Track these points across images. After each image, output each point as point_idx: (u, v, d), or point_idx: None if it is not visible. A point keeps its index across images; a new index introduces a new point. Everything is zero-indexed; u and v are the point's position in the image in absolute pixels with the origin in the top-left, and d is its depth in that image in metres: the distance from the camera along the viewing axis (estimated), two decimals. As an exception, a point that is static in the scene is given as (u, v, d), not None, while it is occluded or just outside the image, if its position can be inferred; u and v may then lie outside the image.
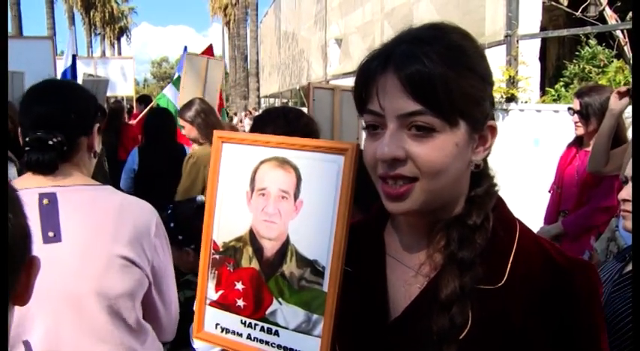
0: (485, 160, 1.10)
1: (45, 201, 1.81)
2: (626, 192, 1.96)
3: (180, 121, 4.46)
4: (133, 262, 1.85)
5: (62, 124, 1.88)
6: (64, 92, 1.97)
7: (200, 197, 3.51)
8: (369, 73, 1.02)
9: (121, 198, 1.96)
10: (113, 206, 1.89)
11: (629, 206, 1.93)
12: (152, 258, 1.94)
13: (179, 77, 7.31)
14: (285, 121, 2.09)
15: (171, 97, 7.12)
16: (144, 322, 1.96)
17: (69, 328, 1.77)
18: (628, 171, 1.98)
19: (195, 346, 2.02)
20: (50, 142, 1.83)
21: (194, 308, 1.97)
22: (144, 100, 10.53)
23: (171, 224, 2.69)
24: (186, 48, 9.02)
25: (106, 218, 1.86)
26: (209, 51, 7.89)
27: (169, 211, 2.85)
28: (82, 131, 1.95)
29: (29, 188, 1.82)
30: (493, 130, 1.07)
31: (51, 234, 1.78)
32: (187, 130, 4.42)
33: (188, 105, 4.52)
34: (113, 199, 1.93)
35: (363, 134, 1.08)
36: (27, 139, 1.84)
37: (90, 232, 1.83)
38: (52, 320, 1.76)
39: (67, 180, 1.88)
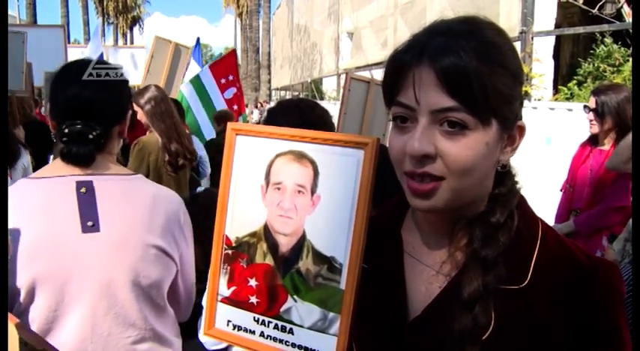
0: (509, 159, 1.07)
1: (82, 189, 1.83)
2: None
3: (135, 106, 4.47)
4: (165, 251, 1.90)
5: (101, 114, 1.88)
6: (101, 79, 1.93)
7: (200, 188, 3.53)
8: (403, 64, 0.98)
9: (153, 188, 2.00)
10: (147, 196, 1.93)
11: None
12: (181, 247, 1.99)
13: (197, 77, 7.32)
14: (297, 112, 2.06)
15: (186, 95, 7.14)
16: (168, 306, 2.02)
17: (103, 315, 1.82)
18: None
19: (202, 339, 2.01)
20: (90, 136, 1.84)
21: (203, 303, 1.97)
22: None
23: None
24: (198, 39, 9.00)
25: (141, 208, 1.90)
26: (232, 55, 7.90)
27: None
28: (117, 120, 1.96)
29: (64, 176, 1.85)
30: (522, 130, 1.05)
31: (90, 223, 1.81)
32: (139, 115, 4.47)
33: (142, 91, 4.56)
34: (146, 189, 1.96)
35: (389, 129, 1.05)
36: (66, 130, 1.83)
37: (126, 222, 1.86)
38: (88, 307, 1.80)
39: (101, 169, 1.90)
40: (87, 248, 1.80)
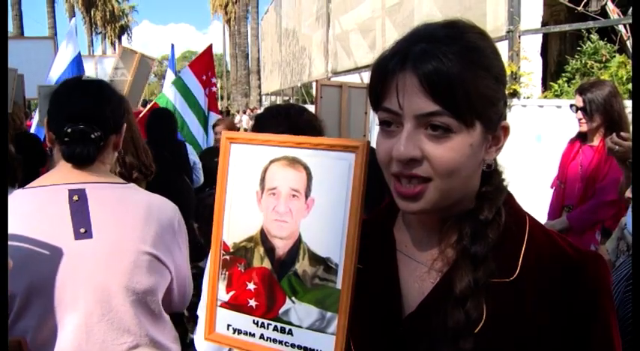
0: (495, 158, 1.10)
1: (75, 197, 1.87)
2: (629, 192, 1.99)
3: None
4: (158, 258, 1.93)
5: (100, 120, 1.95)
6: (101, 90, 2.04)
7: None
8: (387, 70, 1.01)
9: (147, 196, 2.03)
10: (140, 204, 1.97)
11: None
12: (175, 255, 2.02)
13: (179, 78, 7.35)
14: (286, 118, 2.06)
15: (170, 98, 7.16)
16: (163, 311, 2.04)
17: (98, 321, 1.84)
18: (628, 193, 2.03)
19: (199, 350, 2.02)
20: (92, 136, 1.91)
21: (199, 313, 1.97)
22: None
23: None
24: (173, 46, 9.03)
25: (134, 216, 1.93)
26: (209, 51, 7.90)
27: None
28: (114, 129, 2.03)
29: (57, 184, 1.89)
30: (506, 130, 1.08)
31: (82, 230, 1.84)
32: None
33: None
34: (139, 198, 2.00)
35: (372, 132, 1.08)
36: (68, 130, 1.89)
37: (119, 230, 1.89)
38: (82, 314, 1.82)
39: (94, 177, 1.94)
40: (80, 255, 1.82)
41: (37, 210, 1.86)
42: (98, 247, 1.85)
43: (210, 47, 7.97)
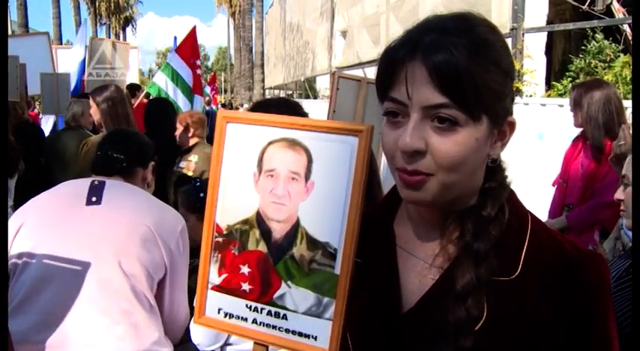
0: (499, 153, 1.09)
1: (95, 182, 2.32)
2: (619, 192, 2.04)
3: (90, 100, 4.49)
4: (155, 238, 2.19)
5: (125, 150, 2.48)
6: (129, 135, 2.70)
7: None
8: (396, 60, 0.99)
9: (157, 199, 2.45)
10: (149, 197, 2.42)
11: (623, 205, 2.02)
12: (174, 251, 2.26)
13: (167, 65, 7.37)
14: (287, 109, 2.06)
15: (162, 86, 7.16)
16: (156, 309, 2.27)
17: (88, 280, 2.09)
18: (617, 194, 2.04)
19: (195, 341, 2.02)
20: (114, 155, 2.44)
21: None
22: (131, 88, 10.44)
23: (201, 194, 3.03)
24: (176, 38, 9.13)
25: (142, 201, 2.35)
26: (193, 33, 7.92)
27: (198, 183, 3.15)
28: (140, 163, 2.54)
29: (84, 179, 2.37)
30: (512, 125, 1.07)
31: (94, 199, 2.24)
32: (93, 110, 4.47)
33: (101, 88, 4.53)
34: (150, 195, 2.46)
35: None
36: (98, 153, 2.47)
37: (126, 202, 2.30)
38: (75, 271, 2.08)
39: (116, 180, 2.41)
40: (86, 216, 2.20)
41: (65, 190, 2.37)
42: (103, 211, 2.21)
43: (194, 29, 8.04)
